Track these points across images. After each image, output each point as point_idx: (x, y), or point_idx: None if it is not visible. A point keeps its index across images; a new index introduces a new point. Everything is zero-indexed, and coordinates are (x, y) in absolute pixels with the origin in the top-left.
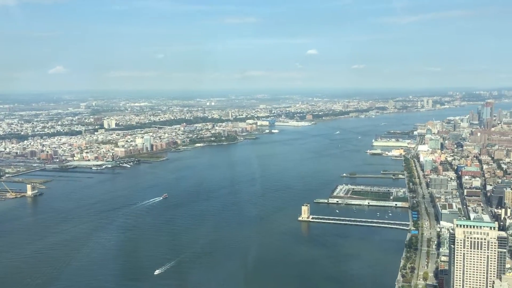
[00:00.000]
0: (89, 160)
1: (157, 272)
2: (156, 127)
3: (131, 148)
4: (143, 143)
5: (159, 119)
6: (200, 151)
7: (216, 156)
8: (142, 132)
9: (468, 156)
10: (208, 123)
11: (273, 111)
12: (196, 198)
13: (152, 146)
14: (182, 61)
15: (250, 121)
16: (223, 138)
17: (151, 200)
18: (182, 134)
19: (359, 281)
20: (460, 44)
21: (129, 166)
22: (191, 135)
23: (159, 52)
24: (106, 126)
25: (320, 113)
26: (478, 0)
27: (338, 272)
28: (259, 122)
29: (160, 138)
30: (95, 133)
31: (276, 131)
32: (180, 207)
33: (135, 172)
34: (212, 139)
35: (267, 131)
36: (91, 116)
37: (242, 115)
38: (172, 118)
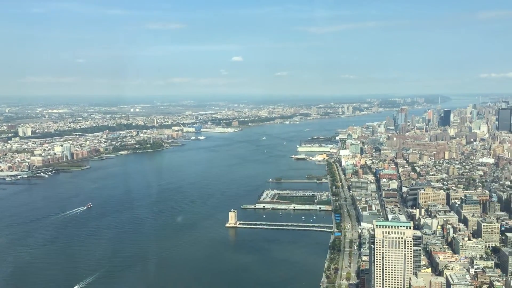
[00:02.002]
0: (2, 170)
1: None
2: (76, 134)
3: (49, 157)
4: (63, 152)
5: (79, 126)
6: (124, 159)
7: (141, 163)
8: (62, 140)
9: (385, 160)
10: (132, 130)
11: (199, 118)
12: (121, 207)
13: (72, 154)
14: (103, 67)
15: (176, 128)
16: (148, 145)
17: (74, 210)
18: (105, 142)
19: (286, 284)
20: (376, 53)
21: (47, 176)
22: (114, 142)
23: (78, 57)
24: (21, 134)
25: (246, 120)
26: (391, 12)
27: (266, 277)
28: (185, 129)
29: (81, 146)
30: (9, 141)
31: (202, 137)
32: (104, 217)
33: (54, 182)
34: (136, 146)
35: (194, 137)
36: (4, 124)
37: (167, 121)
38: (94, 125)
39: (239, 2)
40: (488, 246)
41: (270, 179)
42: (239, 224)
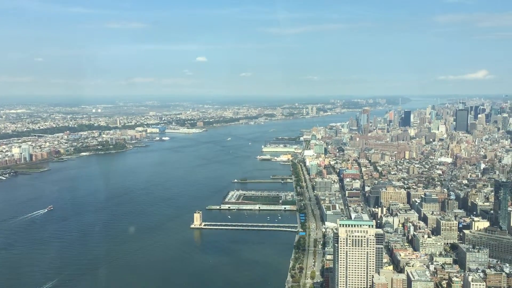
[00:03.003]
0: None
1: None
2: (35, 135)
3: (6, 158)
4: (21, 153)
5: (39, 127)
6: (86, 160)
7: (104, 165)
8: (20, 141)
9: (348, 160)
10: (94, 131)
11: (163, 118)
12: (83, 210)
13: (31, 156)
14: (63, 66)
15: (140, 129)
16: (111, 147)
17: (34, 213)
18: (65, 143)
19: (252, 285)
20: (338, 55)
21: (4, 178)
22: (75, 143)
23: (37, 56)
24: None
25: (211, 120)
26: (353, 15)
27: (233, 278)
28: (149, 130)
29: (40, 147)
30: None
31: (166, 138)
32: (65, 220)
33: (12, 185)
34: (99, 147)
35: (158, 138)
36: None
37: (131, 122)
38: (54, 125)
39: (200, 2)
40: (447, 243)
41: (235, 180)
42: (204, 225)
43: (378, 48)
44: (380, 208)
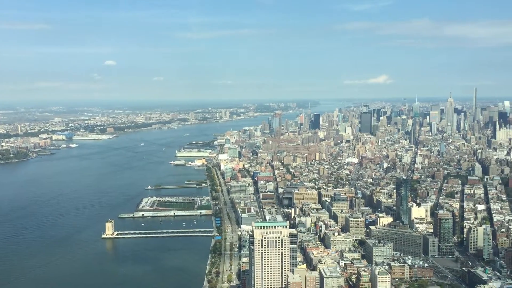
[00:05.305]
0: None
1: None
2: None
3: None
4: None
5: None
6: None
7: (4, 176)
8: None
9: (262, 163)
10: None
11: (70, 125)
12: None
13: None
14: None
15: (44, 136)
16: (11, 155)
17: None
18: None
19: None
20: (251, 60)
21: None
22: None
23: None
24: None
25: (122, 126)
26: (266, 21)
27: (149, 287)
28: (54, 137)
29: None
30: None
31: (74, 145)
32: None
33: None
34: None
35: (64, 145)
36: None
37: (34, 129)
38: None
39: (106, 4)
40: (356, 239)
41: (149, 186)
42: (117, 234)
43: (290, 54)
44: (293, 209)
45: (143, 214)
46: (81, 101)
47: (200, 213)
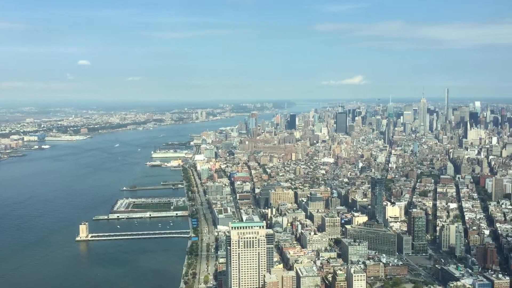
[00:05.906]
0: None
1: None
2: None
3: None
4: None
5: None
6: None
7: None
8: None
9: (239, 163)
10: None
11: (42, 125)
12: None
13: None
14: None
15: (15, 137)
16: None
17: None
18: None
19: None
20: (227, 60)
21: None
22: None
23: None
24: None
25: (96, 126)
26: (242, 22)
27: None
28: (26, 138)
29: None
30: None
31: (47, 146)
32: None
33: None
34: None
35: (36, 147)
36: None
37: (5, 130)
38: None
39: (80, 4)
40: (331, 239)
41: (124, 188)
42: (91, 236)
43: (266, 54)
44: (270, 209)
45: (118, 216)
46: (53, 102)
47: (177, 214)
